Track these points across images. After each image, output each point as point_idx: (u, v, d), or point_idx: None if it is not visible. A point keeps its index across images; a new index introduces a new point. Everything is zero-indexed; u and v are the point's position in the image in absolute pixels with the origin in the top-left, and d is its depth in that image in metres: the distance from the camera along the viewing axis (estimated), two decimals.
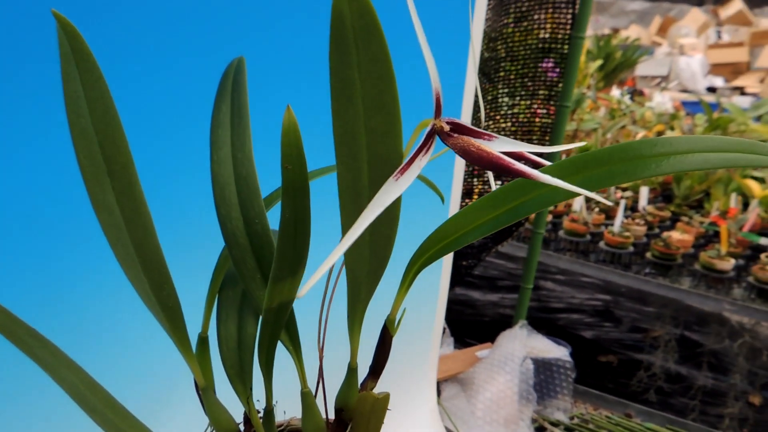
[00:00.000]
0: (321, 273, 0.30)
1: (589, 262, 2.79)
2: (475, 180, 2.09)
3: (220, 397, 0.52)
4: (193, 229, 0.78)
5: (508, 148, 0.35)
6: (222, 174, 0.50)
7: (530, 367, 1.92)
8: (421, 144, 0.33)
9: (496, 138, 0.35)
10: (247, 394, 0.51)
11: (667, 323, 2.60)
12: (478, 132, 0.34)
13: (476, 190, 2.11)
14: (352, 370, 0.50)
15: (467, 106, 1.39)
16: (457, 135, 0.33)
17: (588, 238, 2.89)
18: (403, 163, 0.32)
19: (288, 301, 0.46)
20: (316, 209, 0.43)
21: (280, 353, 0.51)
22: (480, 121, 1.53)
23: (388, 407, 0.50)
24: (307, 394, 0.51)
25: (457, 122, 0.34)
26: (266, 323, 0.47)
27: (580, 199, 2.95)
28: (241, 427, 0.53)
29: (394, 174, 0.32)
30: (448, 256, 1.59)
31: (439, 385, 1.83)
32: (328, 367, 0.54)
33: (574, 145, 0.43)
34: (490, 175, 0.52)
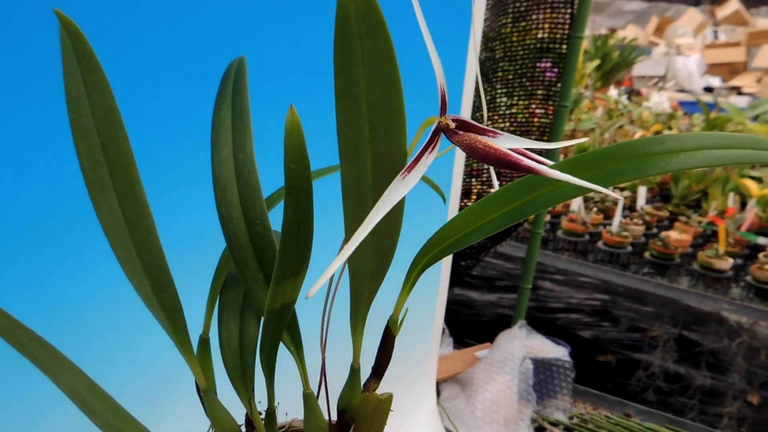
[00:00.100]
0: (330, 273, 0.29)
1: (587, 262, 2.79)
2: (473, 180, 2.09)
3: (220, 399, 0.52)
4: (194, 230, 0.78)
5: (514, 145, 0.35)
6: (223, 175, 0.50)
7: (529, 367, 1.92)
8: (427, 142, 0.33)
9: (501, 135, 0.35)
10: (249, 395, 0.51)
11: (665, 323, 2.60)
12: (484, 129, 0.34)
13: (474, 190, 2.10)
14: (355, 371, 0.50)
15: (466, 105, 1.39)
16: (463, 132, 0.33)
17: (586, 237, 2.89)
18: (410, 161, 0.32)
19: (290, 302, 0.46)
20: (316, 208, 0.43)
21: (281, 354, 0.50)
22: (482, 120, 1.52)
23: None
24: (310, 395, 0.51)
25: (463, 119, 0.34)
26: (268, 324, 0.47)
27: (578, 199, 2.95)
28: (242, 428, 0.53)
29: (401, 172, 0.31)
30: (448, 257, 1.59)
31: (438, 386, 1.83)
32: (330, 368, 0.54)
33: (576, 141, 0.43)
34: (493, 173, 0.51)
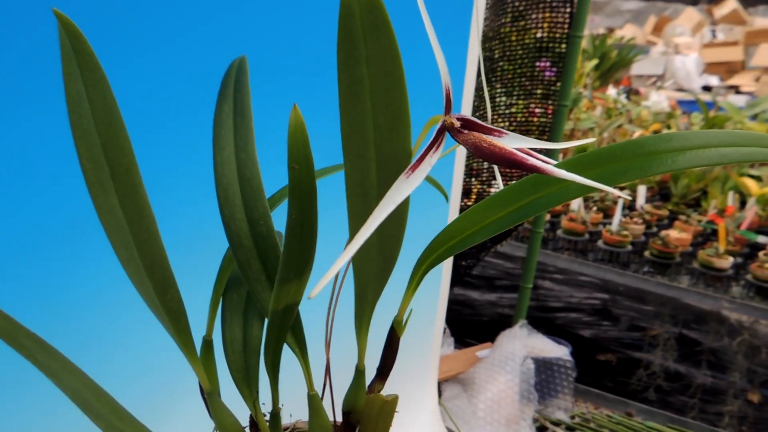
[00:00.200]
0: (333, 273, 0.29)
1: (587, 261, 2.79)
2: (473, 179, 2.09)
3: (224, 400, 0.52)
4: (197, 231, 0.77)
5: (519, 145, 0.34)
6: (225, 175, 0.50)
7: (531, 366, 1.92)
8: (431, 141, 0.33)
9: (506, 134, 0.35)
10: (254, 397, 0.50)
11: (665, 322, 2.60)
12: (489, 128, 0.34)
13: (474, 190, 2.10)
14: (360, 372, 0.49)
15: (467, 105, 1.38)
16: (467, 131, 0.33)
17: (586, 237, 2.88)
18: (415, 160, 0.32)
19: (294, 303, 0.46)
20: (319, 207, 0.42)
21: (285, 355, 0.50)
22: (486, 119, 1.52)
23: None
24: (314, 397, 0.50)
25: (468, 118, 0.33)
26: (272, 325, 0.46)
27: (578, 198, 2.94)
28: (246, 430, 0.53)
29: (406, 171, 0.31)
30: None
31: (440, 386, 1.83)
32: (334, 369, 0.54)
33: (581, 142, 0.43)
34: (497, 172, 0.51)
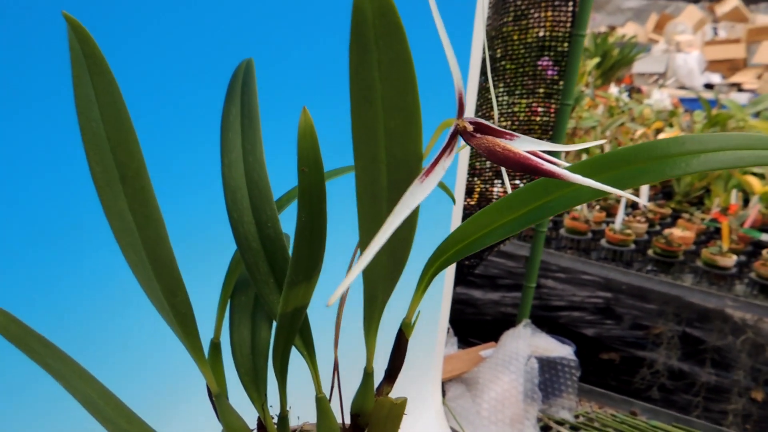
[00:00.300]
0: (348, 282, 0.29)
1: (590, 260, 2.78)
2: (475, 179, 2.09)
3: (232, 403, 0.52)
4: (205, 234, 0.77)
5: (531, 148, 0.34)
6: (233, 178, 0.50)
7: (535, 366, 1.92)
8: (444, 145, 0.32)
9: (519, 137, 0.34)
10: (262, 400, 0.50)
11: (669, 320, 2.60)
12: (501, 131, 0.34)
13: (476, 189, 2.10)
14: (369, 375, 0.49)
15: (469, 106, 1.38)
16: (480, 135, 0.33)
17: (589, 236, 2.88)
18: (428, 165, 0.31)
19: (303, 306, 0.46)
20: (327, 209, 0.42)
21: (292, 357, 0.50)
22: (491, 120, 1.52)
23: None
24: (322, 399, 0.50)
25: (480, 122, 0.33)
26: (281, 328, 0.46)
27: None
28: None
29: (420, 176, 0.31)
30: None
31: (443, 385, 1.83)
32: (342, 372, 0.54)
33: (592, 144, 0.43)
34: (505, 176, 0.51)
